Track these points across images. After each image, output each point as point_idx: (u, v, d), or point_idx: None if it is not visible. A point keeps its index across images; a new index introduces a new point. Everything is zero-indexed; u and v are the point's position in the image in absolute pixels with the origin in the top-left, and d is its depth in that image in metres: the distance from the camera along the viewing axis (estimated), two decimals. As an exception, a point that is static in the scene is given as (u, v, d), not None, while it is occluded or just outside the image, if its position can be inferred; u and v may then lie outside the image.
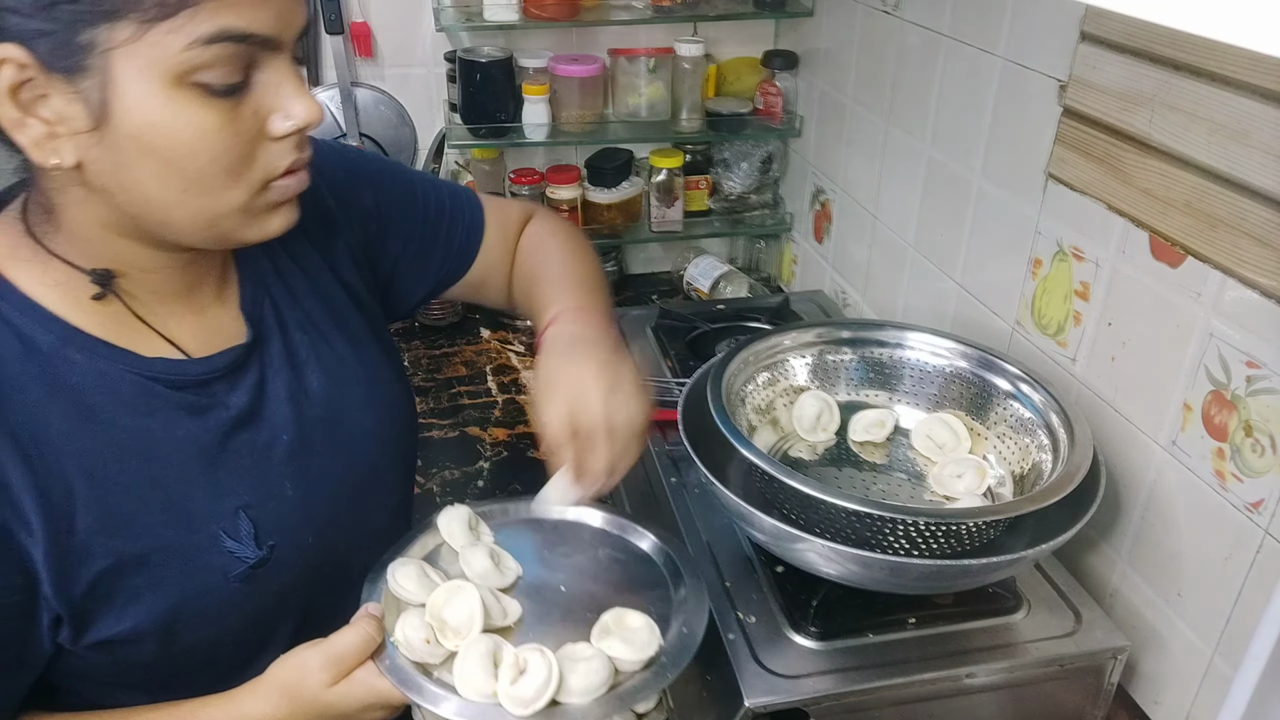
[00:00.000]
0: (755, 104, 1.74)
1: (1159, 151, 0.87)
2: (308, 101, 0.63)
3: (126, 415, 0.67)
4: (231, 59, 0.59)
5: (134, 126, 0.58)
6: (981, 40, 1.13)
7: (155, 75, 0.57)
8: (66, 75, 0.57)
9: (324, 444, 0.78)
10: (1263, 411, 0.79)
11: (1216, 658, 0.86)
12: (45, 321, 0.65)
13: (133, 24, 0.56)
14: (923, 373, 1.05)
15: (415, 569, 0.78)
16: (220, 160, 0.61)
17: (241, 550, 0.71)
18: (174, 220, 0.63)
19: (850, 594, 0.86)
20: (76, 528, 0.64)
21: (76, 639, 0.66)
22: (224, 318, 0.75)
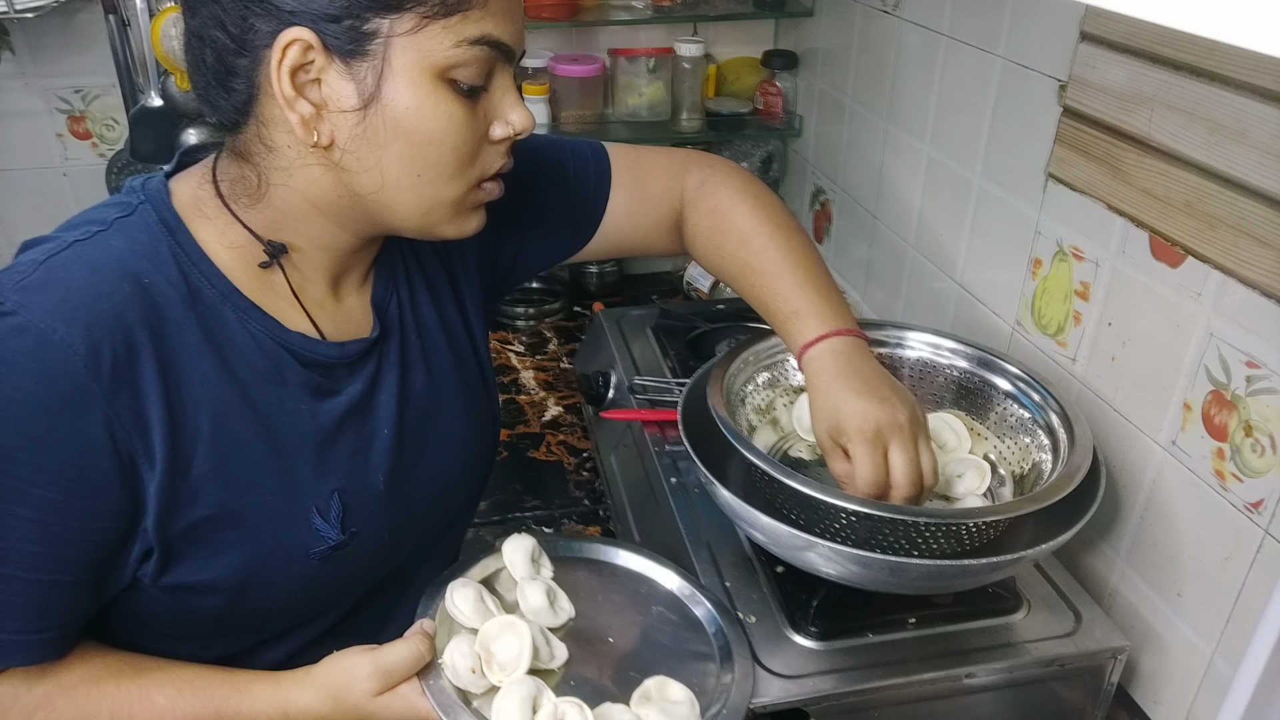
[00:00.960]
0: (755, 104, 1.75)
1: (1159, 151, 0.87)
2: (525, 112, 0.71)
3: (260, 380, 0.71)
4: (483, 62, 0.66)
5: (397, 110, 0.64)
6: (981, 40, 1.13)
7: (423, 66, 0.64)
8: (346, 59, 0.63)
9: (417, 444, 0.81)
10: (1263, 411, 0.79)
11: (1216, 658, 0.86)
12: (212, 276, 0.69)
13: (415, 17, 0.62)
14: (923, 373, 1.04)
15: (474, 592, 0.78)
16: (457, 151, 0.68)
17: (327, 530, 0.74)
18: (398, 203, 0.69)
19: (850, 594, 0.86)
20: (192, 471, 0.67)
21: (158, 576, 0.69)
22: (358, 309, 0.79)
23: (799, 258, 0.91)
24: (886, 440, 0.81)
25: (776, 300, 0.90)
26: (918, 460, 0.81)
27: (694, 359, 1.30)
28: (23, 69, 1.63)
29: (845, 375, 0.84)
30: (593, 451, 1.34)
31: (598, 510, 1.25)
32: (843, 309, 0.89)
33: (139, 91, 1.55)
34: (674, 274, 1.87)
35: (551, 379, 1.55)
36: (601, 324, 1.42)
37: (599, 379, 1.28)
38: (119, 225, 0.67)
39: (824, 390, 0.84)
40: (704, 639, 0.82)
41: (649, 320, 1.41)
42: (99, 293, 0.63)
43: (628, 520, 1.13)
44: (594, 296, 1.84)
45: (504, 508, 1.25)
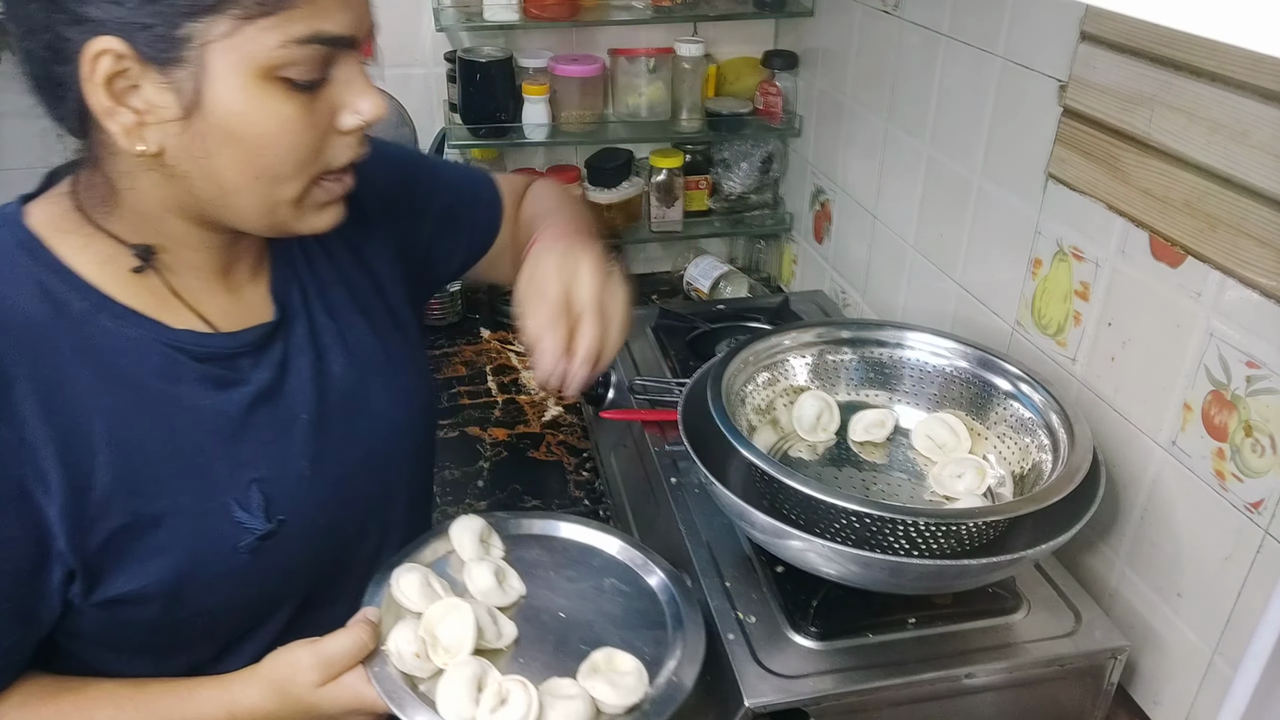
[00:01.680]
0: (755, 104, 1.74)
1: (1159, 151, 0.87)
2: (376, 98, 0.67)
3: (153, 380, 0.69)
4: (317, 58, 0.63)
5: (222, 116, 0.62)
6: (981, 40, 1.13)
7: (246, 69, 0.61)
8: (161, 67, 0.60)
9: (342, 426, 0.80)
10: (1263, 411, 0.79)
11: (1216, 658, 0.86)
12: (79, 288, 0.67)
13: (230, 20, 0.59)
14: (923, 373, 1.05)
15: (419, 577, 0.79)
16: (296, 151, 0.65)
17: (251, 521, 0.72)
18: (239, 205, 0.67)
19: (850, 594, 0.86)
20: (95, 484, 0.66)
21: (86, 595, 0.68)
22: (255, 298, 0.77)
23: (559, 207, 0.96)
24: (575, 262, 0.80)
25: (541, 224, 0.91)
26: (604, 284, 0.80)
27: (694, 359, 1.30)
28: (23, 69, 1.63)
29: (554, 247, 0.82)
30: (593, 451, 1.34)
31: (598, 510, 1.25)
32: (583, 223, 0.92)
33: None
34: (674, 274, 1.87)
35: (551, 379, 1.55)
36: (601, 324, 1.41)
37: (599, 379, 1.28)
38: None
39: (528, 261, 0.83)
40: (657, 608, 0.83)
41: (649, 320, 1.41)
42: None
43: (628, 520, 1.13)
44: (594, 296, 1.84)
45: (504, 508, 1.25)
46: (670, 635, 0.80)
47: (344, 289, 0.83)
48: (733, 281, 1.74)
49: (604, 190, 1.74)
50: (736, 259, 1.93)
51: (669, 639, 0.80)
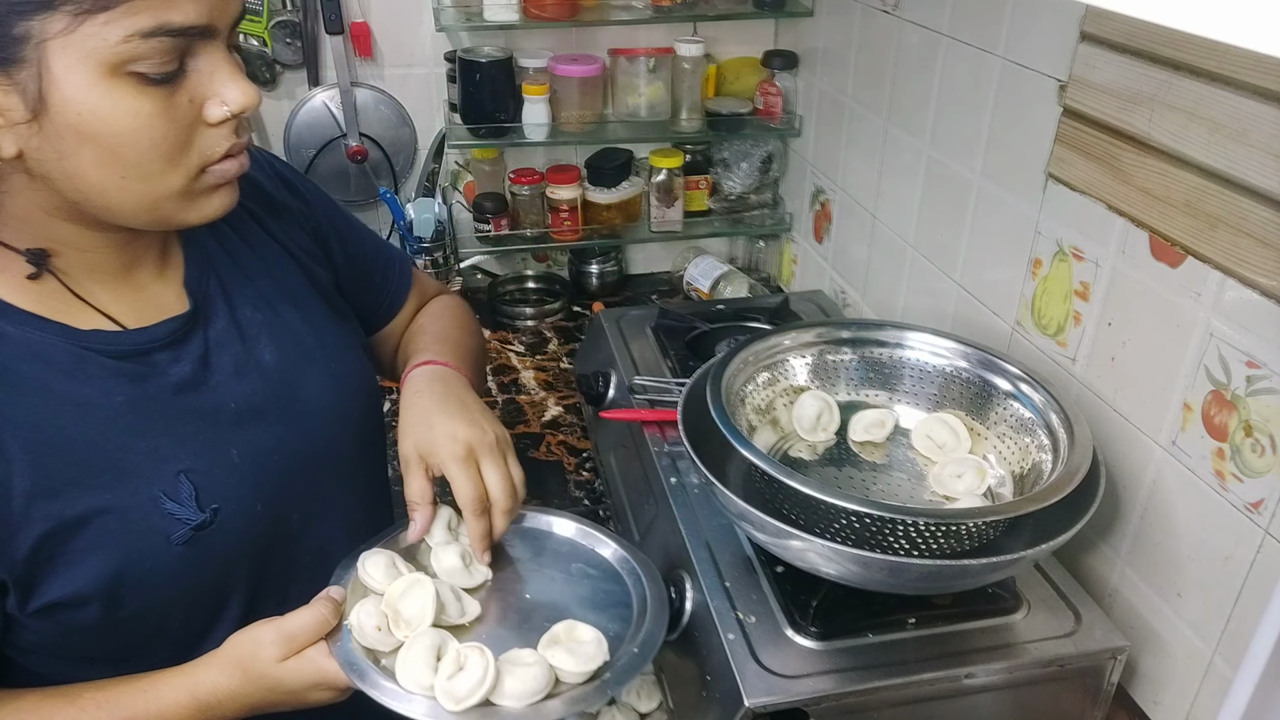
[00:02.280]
0: (755, 104, 1.74)
1: (1159, 151, 0.87)
2: (244, 86, 0.65)
3: (61, 381, 0.68)
4: (168, 50, 0.60)
5: (71, 116, 0.59)
6: (981, 40, 1.13)
7: (91, 66, 0.58)
8: (3, 68, 0.58)
9: (276, 415, 0.80)
10: (1263, 411, 0.79)
11: (1216, 658, 0.86)
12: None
13: (66, 16, 0.57)
14: (923, 373, 1.04)
15: (385, 559, 0.80)
16: (158, 146, 0.63)
17: (182, 512, 0.72)
18: (114, 205, 0.65)
19: (850, 594, 0.86)
20: (13, 493, 0.65)
21: (23, 606, 0.68)
22: (165, 294, 0.76)
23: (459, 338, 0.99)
24: (478, 458, 0.82)
25: (416, 347, 0.95)
26: (509, 474, 0.85)
27: (694, 359, 1.30)
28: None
29: (439, 397, 0.86)
30: (593, 451, 1.34)
31: (598, 510, 1.25)
32: (462, 359, 0.94)
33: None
34: (674, 274, 1.87)
35: (551, 379, 1.55)
36: (601, 324, 1.42)
37: (599, 379, 1.28)
38: None
39: (416, 409, 0.85)
40: (623, 590, 0.85)
41: (649, 320, 1.41)
42: None
43: (628, 520, 1.13)
44: (594, 296, 1.84)
45: (504, 508, 1.25)
46: (635, 613, 0.82)
47: (270, 280, 0.83)
48: (733, 281, 1.74)
49: (604, 190, 1.74)
50: (736, 259, 1.93)
51: (633, 616, 0.82)
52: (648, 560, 0.87)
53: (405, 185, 1.78)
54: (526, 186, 1.73)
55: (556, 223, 1.75)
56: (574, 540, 0.91)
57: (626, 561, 0.88)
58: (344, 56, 1.63)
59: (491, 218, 1.72)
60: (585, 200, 1.76)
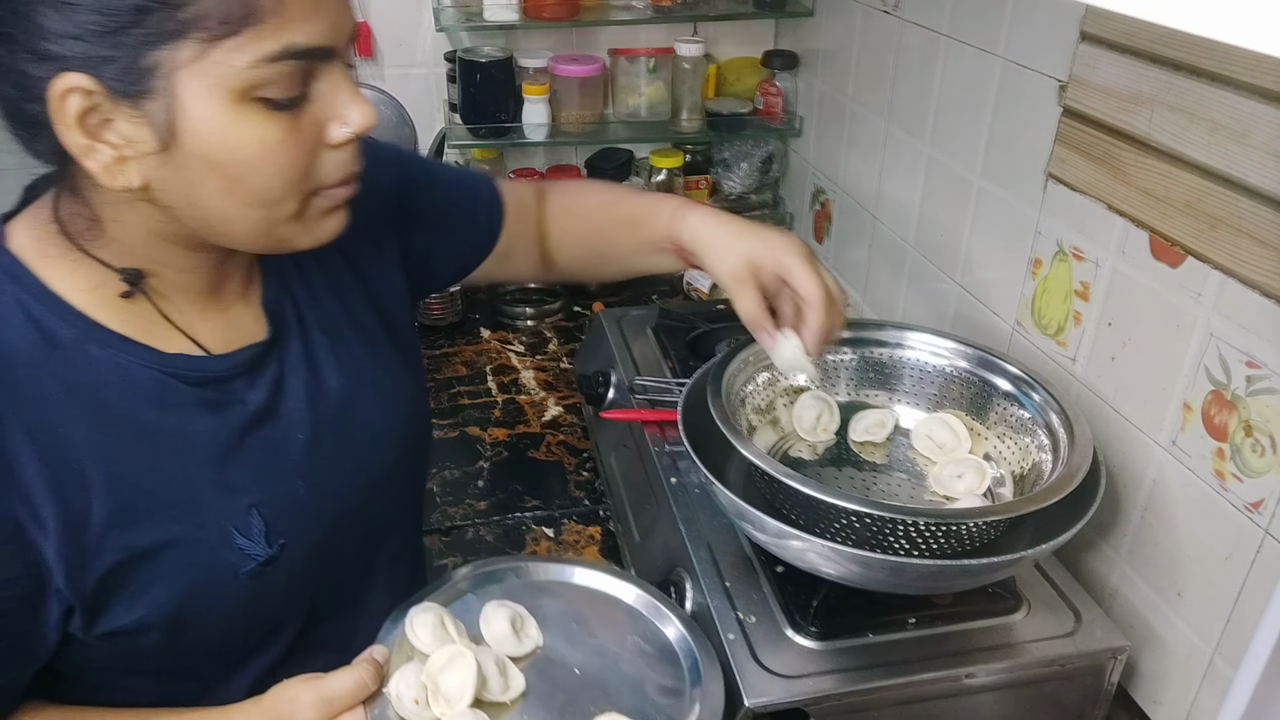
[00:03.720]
0: (755, 104, 1.75)
1: (1159, 151, 0.87)
2: (364, 107, 0.64)
3: (145, 410, 0.67)
4: (293, 73, 0.60)
5: (200, 145, 0.59)
6: (981, 40, 1.13)
7: (219, 93, 0.58)
8: (132, 100, 0.58)
9: (337, 443, 0.78)
10: (1263, 411, 0.79)
11: (1216, 658, 0.86)
12: (67, 316, 0.65)
13: (196, 44, 0.57)
14: (923, 373, 1.04)
15: (434, 618, 0.76)
16: (284, 172, 0.63)
17: (252, 548, 0.71)
18: (234, 230, 0.65)
19: (850, 594, 0.86)
20: (91, 520, 0.65)
21: (88, 629, 0.67)
22: (246, 315, 0.75)
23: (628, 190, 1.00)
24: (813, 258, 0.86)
25: (637, 206, 0.95)
26: None
27: (694, 359, 1.30)
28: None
29: (739, 222, 0.88)
30: (593, 451, 1.34)
31: (598, 510, 1.25)
32: None
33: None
34: (674, 274, 1.87)
35: (551, 379, 1.55)
36: (601, 324, 1.42)
37: (599, 379, 1.28)
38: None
39: (729, 229, 0.88)
40: (678, 673, 0.79)
41: (649, 320, 1.41)
42: None
43: (628, 520, 1.13)
44: (594, 296, 1.84)
45: (504, 508, 1.25)
46: (686, 703, 0.77)
47: (337, 301, 0.81)
48: (733, 281, 1.74)
49: (604, 190, 1.74)
50: (736, 259, 1.92)
51: (684, 707, 0.76)
52: (710, 647, 0.81)
53: (405, 185, 1.78)
54: (526, 186, 1.73)
55: (556, 223, 1.75)
56: (635, 610, 0.85)
57: (686, 642, 0.81)
58: (344, 56, 1.63)
59: (491, 218, 1.72)
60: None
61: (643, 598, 0.85)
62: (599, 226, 0.99)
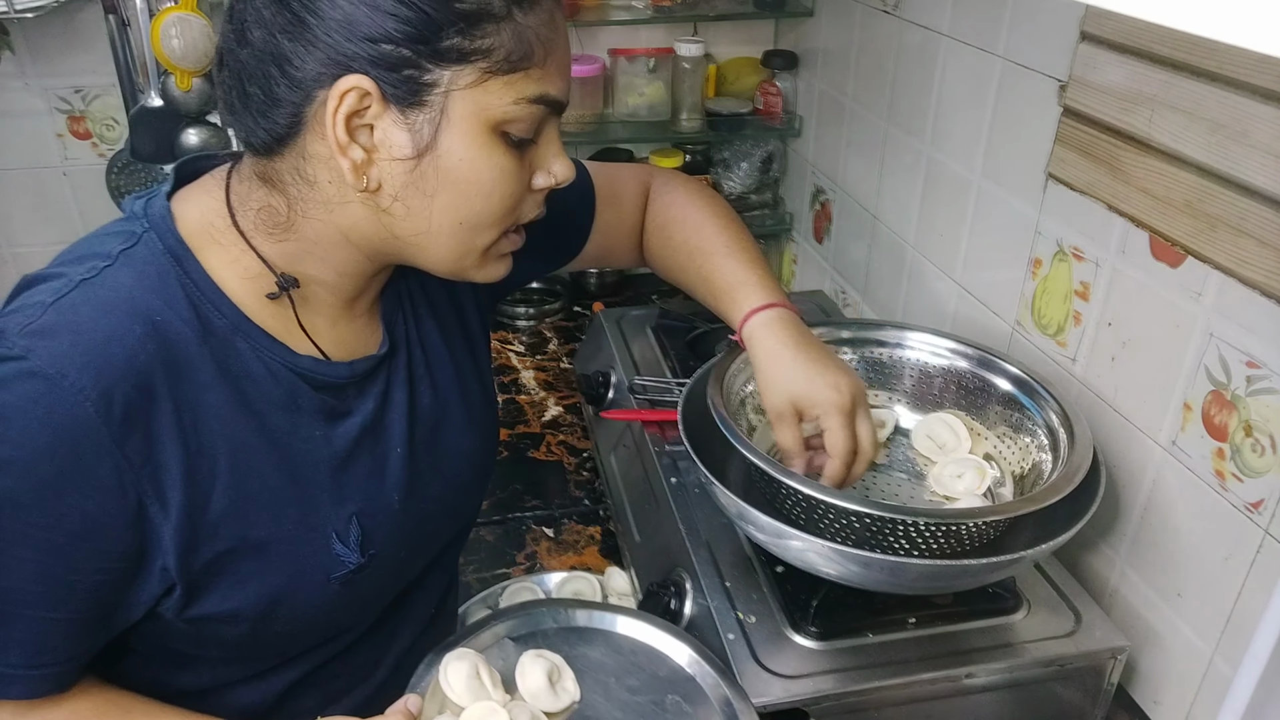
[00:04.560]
0: (755, 104, 1.75)
1: (1159, 151, 0.87)
2: (568, 163, 0.71)
3: (275, 408, 0.70)
4: (536, 118, 0.66)
5: (451, 161, 0.64)
6: (981, 40, 1.13)
7: (480, 120, 0.63)
8: (402, 108, 0.62)
9: (428, 461, 0.80)
10: (1263, 411, 0.79)
11: (1216, 658, 0.86)
12: (223, 305, 0.67)
13: (477, 72, 0.62)
14: (923, 373, 1.04)
15: (469, 666, 0.74)
16: (504, 202, 0.68)
17: (347, 555, 0.73)
18: (434, 247, 0.69)
19: (850, 594, 0.86)
20: (211, 507, 0.66)
21: (181, 610, 0.68)
22: (366, 327, 0.77)
23: (744, 244, 0.96)
24: (856, 410, 0.85)
25: (722, 275, 0.93)
26: (873, 428, 0.87)
27: (694, 359, 1.30)
28: (23, 69, 1.63)
29: (800, 345, 0.87)
30: (593, 451, 1.34)
31: (598, 510, 1.25)
32: (779, 287, 0.93)
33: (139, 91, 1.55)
34: (674, 274, 1.87)
35: (551, 379, 1.55)
36: (601, 324, 1.42)
37: (599, 379, 1.28)
38: (125, 258, 0.65)
39: (781, 359, 0.87)
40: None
41: (649, 320, 1.41)
42: (110, 335, 0.61)
43: (628, 520, 1.13)
44: (594, 296, 1.84)
45: (504, 507, 1.25)
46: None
47: (433, 320, 0.84)
48: (733, 281, 1.74)
49: (604, 190, 1.74)
50: (736, 259, 1.92)
51: None
52: (749, 706, 0.77)
53: (405, 185, 1.78)
54: (526, 186, 1.73)
55: (556, 223, 1.75)
56: (679, 666, 0.82)
57: (729, 707, 0.77)
58: (344, 56, 1.63)
59: (491, 218, 1.72)
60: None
61: (686, 653, 0.82)
62: (684, 270, 0.98)
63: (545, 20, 0.64)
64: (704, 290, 0.96)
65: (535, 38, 0.63)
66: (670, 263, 0.99)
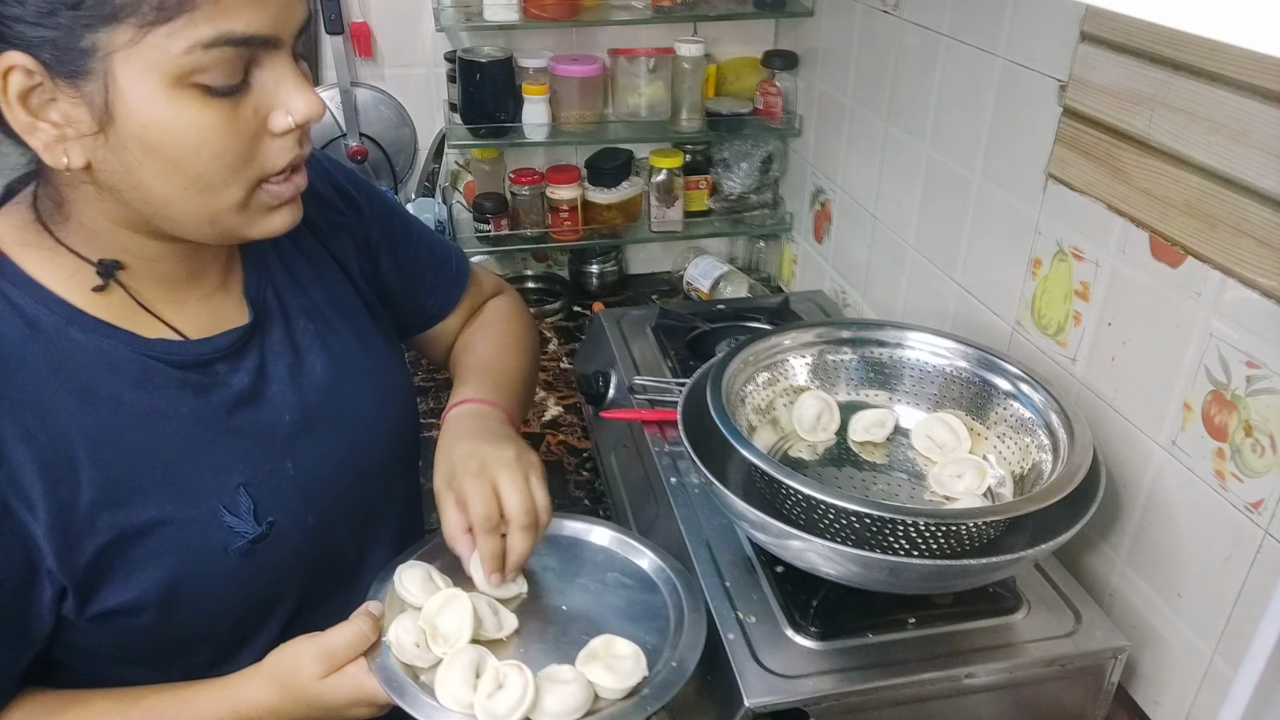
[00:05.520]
0: (755, 104, 1.74)
1: (1159, 151, 0.87)
2: (309, 96, 0.65)
3: (129, 391, 0.69)
4: (231, 60, 0.60)
5: (137, 127, 0.60)
6: (981, 40, 1.13)
7: (155, 77, 0.59)
8: (70, 80, 0.59)
9: (326, 427, 0.80)
10: (1263, 411, 0.79)
11: (1216, 658, 0.86)
12: (49, 303, 0.67)
13: (131, 28, 0.57)
14: (923, 373, 1.04)
15: (421, 572, 0.79)
16: (222, 158, 0.63)
17: (241, 525, 0.72)
18: (177, 216, 0.66)
19: (850, 594, 0.86)
20: (80, 501, 0.66)
21: (80, 610, 0.68)
22: (227, 304, 0.77)
23: (505, 361, 0.96)
24: (494, 474, 0.79)
25: (461, 376, 0.94)
26: (529, 492, 0.79)
27: (694, 359, 1.30)
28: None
29: (470, 431, 0.84)
30: (593, 451, 1.34)
31: (598, 510, 1.25)
32: (503, 389, 0.91)
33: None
34: (674, 274, 1.87)
35: (551, 379, 1.55)
36: (601, 324, 1.42)
37: (599, 379, 1.28)
38: None
39: (445, 445, 0.83)
40: (659, 599, 0.84)
41: (649, 320, 1.41)
42: None
43: (628, 520, 1.13)
44: (594, 296, 1.84)
45: (504, 508, 1.25)
46: (672, 624, 0.81)
47: (322, 290, 0.83)
48: (733, 281, 1.74)
49: (604, 190, 1.74)
50: (736, 259, 1.92)
51: (670, 628, 0.81)
52: (684, 570, 0.87)
53: (405, 185, 1.78)
54: (526, 187, 1.73)
55: (556, 223, 1.75)
56: (609, 549, 0.90)
57: (663, 571, 0.86)
58: (344, 56, 1.63)
59: (491, 218, 1.72)
60: (585, 200, 1.76)
61: (616, 537, 0.90)
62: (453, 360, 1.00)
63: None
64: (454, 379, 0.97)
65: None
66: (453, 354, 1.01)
